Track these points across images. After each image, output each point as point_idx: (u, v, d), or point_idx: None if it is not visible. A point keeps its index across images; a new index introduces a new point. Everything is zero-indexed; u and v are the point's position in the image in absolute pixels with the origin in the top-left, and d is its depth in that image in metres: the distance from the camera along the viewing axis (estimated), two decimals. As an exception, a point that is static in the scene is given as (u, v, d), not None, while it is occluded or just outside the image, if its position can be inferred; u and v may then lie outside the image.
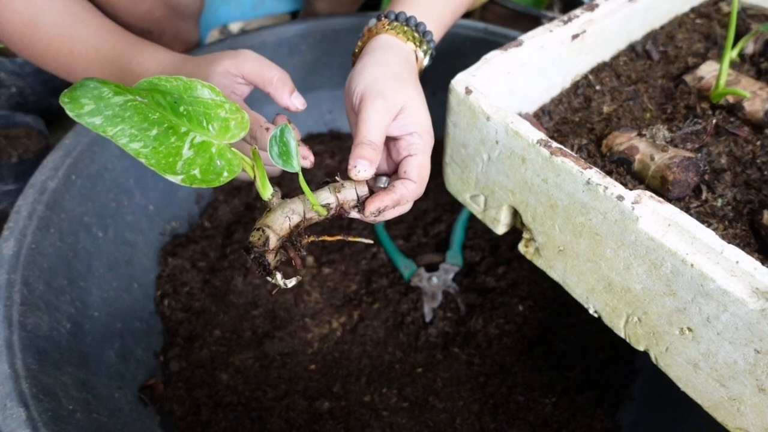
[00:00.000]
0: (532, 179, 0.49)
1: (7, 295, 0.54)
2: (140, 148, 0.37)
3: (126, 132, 0.36)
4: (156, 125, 0.37)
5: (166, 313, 0.77)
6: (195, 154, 0.38)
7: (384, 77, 0.49)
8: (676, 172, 0.46)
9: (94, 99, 0.37)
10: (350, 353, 0.74)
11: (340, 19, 0.96)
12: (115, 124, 0.36)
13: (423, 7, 0.55)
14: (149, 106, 0.38)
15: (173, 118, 0.38)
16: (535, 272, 0.81)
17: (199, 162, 0.38)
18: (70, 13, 0.59)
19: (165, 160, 0.37)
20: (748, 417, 0.41)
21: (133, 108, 0.37)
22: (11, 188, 0.93)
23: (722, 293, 0.38)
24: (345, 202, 0.44)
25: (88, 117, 0.36)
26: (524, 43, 0.55)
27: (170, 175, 0.37)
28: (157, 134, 0.37)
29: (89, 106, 0.37)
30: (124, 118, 0.37)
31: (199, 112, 0.39)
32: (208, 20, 1.05)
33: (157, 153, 0.37)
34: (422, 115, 0.49)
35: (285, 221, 0.42)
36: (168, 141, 0.37)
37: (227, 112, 0.40)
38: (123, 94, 0.37)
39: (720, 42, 0.65)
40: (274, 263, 0.41)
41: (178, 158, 0.37)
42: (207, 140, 0.39)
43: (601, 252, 0.46)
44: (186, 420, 0.68)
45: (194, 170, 0.38)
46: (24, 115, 1.01)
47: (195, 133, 0.39)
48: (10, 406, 0.48)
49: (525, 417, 0.69)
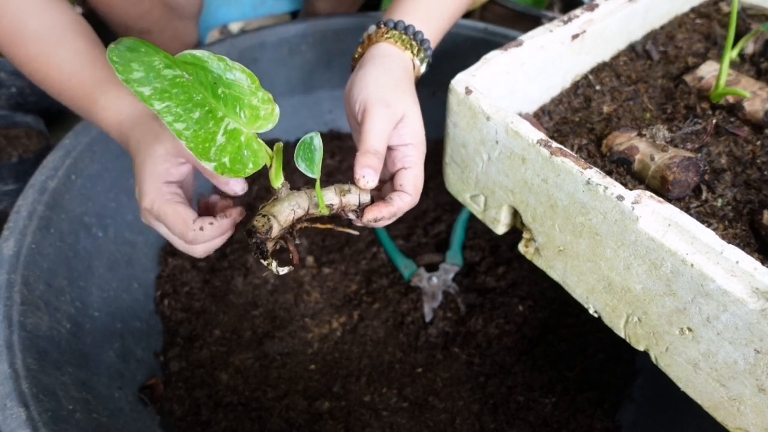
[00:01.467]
0: (532, 179, 0.49)
1: (7, 295, 0.55)
2: (183, 130, 0.37)
3: (172, 110, 0.37)
4: (199, 107, 0.38)
5: (166, 313, 0.77)
6: (226, 141, 0.39)
7: (386, 85, 0.49)
8: (676, 172, 0.46)
9: (144, 67, 0.36)
10: (350, 353, 0.74)
11: (340, 19, 0.96)
12: (162, 99, 0.36)
13: (421, 14, 0.56)
14: (194, 85, 0.38)
15: (213, 100, 0.38)
16: (535, 272, 0.81)
17: (229, 150, 0.38)
18: (50, 34, 0.56)
19: (202, 145, 0.37)
20: (748, 417, 0.41)
21: (181, 85, 0.37)
22: (11, 188, 0.93)
23: (722, 293, 0.38)
24: (347, 205, 0.46)
25: (137, 85, 0.36)
26: (524, 43, 0.55)
27: (205, 161, 0.38)
28: (199, 117, 0.37)
29: (139, 73, 0.36)
30: (171, 94, 0.37)
31: (235, 96, 0.40)
32: (208, 20, 1.05)
33: (197, 137, 0.37)
34: (419, 125, 0.50)
35: (290, 214, 0.44)
36: (207, 126, 0.38)
37: (259, 100, 0.40)
38: (172, 68, 0.37)
39: (720, 42, 0.65)
40: (272, 250, 0.43)
41: (213, 144, 0.38)
42: (238, 128, 0.39)
43: (601, 252, 0.46)
44: (186, 420, 0.68)
45: (225, 158, 0.38)
46: (24, 115, 1.01)
47: (229, 119, 0.39)
48: (10, 406, 0.48)
49: (525, 417, 0.69)
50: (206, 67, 0.39)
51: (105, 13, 0.78)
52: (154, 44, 0.97)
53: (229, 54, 0.89)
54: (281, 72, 0.97)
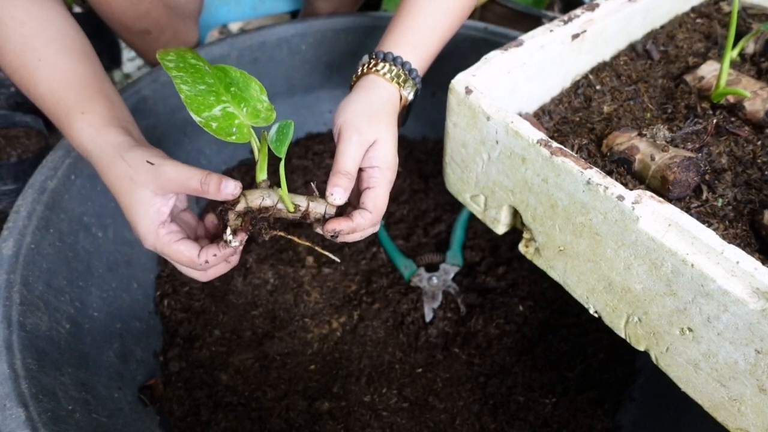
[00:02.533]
0: (533, 179, 0.49)
1: (6, 296, 0.54)
2: (186, 90, 0.45)
3: (184, 78, 0.46)
4: (206, 85, 0.47)
5: (166, 313, 0.77)
6: (221, 115, 0.46)
7: (362, 114, 0.54)
8: (677, 172, 0.46)
9: (178, 56, 0.48)
10: (350, 353, 0.74)
11: (340, 19, 0.96)
12: (180, 70, 0.46)
13: (410, 44, 0.59)
14: (210, 74, 0.47)
15: (222, 90, 0.47)
16: (535, 272, 0.81)
17: (220, 121, 0.46)
18: (31, 48, 0.54)
19: (197, 105, 0.45)
20: (749, 417, 0.41)
21: (199, 70, 0.47)
22: (11, 188, 0.92)
23: (723, 293, 0.38)
24: (312, 211, 0.50)
25: (168, 62, 0.46)
26: (524, 43, 0.55)
27: (194, 113, 0.45)
28: (202, 89, 0.46)
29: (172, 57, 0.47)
30: (188, 71, 0.47)
31: (243, 97, 0.48)
32: (208, 20, 1.05)
33: (195, 99, 0.45)
34: (389, 151, 0.54)
35: (259, 199, 0.49)
36: (207, 97, 0.46)
37: (263, 106, 0.49)
38: (197, 60, 0.48)
39: (720, 42, 0.65)
40: (232, 224, 0.48)
41: (207, 110, 0.45)
42: (235, 113, 0.47)
43: (601, 252, 0.46)
44: (186, 420, 0.68)
45: (213, 123, 0.45)
46: (23, 115, 1.01)
47: (230, 105, 0.47)
48: (10, 406, 0.47)
49: (525, 417, 0.69)
50: (228, 73, 0.49)
51: (105, 13, 0.77)
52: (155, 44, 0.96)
53: (229, 53, 0.90)
54: (281, 72, 0.97)
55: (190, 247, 0.49)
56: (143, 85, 0.80)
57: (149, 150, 0.50)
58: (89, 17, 1.16)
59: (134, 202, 0.49)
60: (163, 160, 0.49)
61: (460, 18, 0.64)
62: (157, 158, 0.49)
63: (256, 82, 0.50)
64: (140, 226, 0.49)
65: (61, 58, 0.55)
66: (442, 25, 0.61)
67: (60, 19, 0.57)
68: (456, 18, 0.63)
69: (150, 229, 0.49)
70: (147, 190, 0.48)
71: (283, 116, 1.07)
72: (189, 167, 0.48)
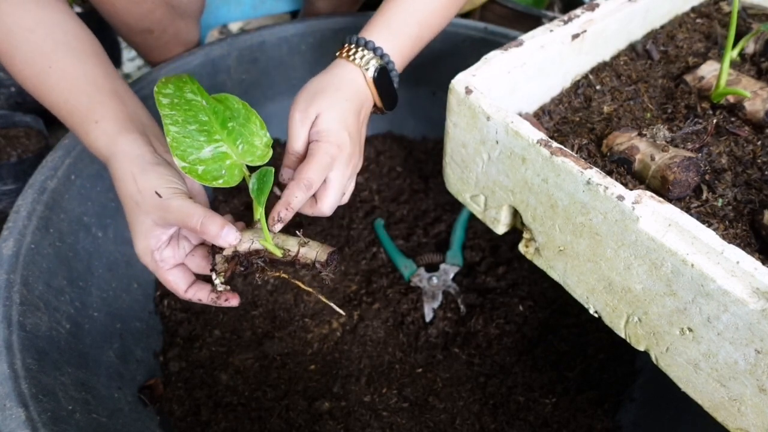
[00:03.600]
0: (533, 179, 0.49)
1: (6, 296, 0.54)
2: (173, 131, 0.44)
3: (174, 117, 0.45)
4: (198, 124, 0.45)
5: (166, 313, 0.77)
6: (210, 157, 0.45)
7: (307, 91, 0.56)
8: (677, 172, 0.46)
9: (175, 87, 0.46)
10: (350, 353, 0.74)
11: (340, 18, 0.96)
12: (173, 108, 0.45)
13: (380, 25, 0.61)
14: (206, 109, 0.46)
15: (217, 127, 0.46)
16: (535, 272, 0.81)
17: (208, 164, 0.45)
18: (40, 54, 0.53)
19: (183, 148, 0.44)
20: (749, 417, 0.41)
21: (193, 105, 0.46)
22: (10, 188, 0.92)
23: (723, 293, 0.38)
24: (302, 257, 0.49)
25: (162, 96, 0.45)
26: (524, 43, 0.55)
27: (178, 159, 0.44)
28: (193, 129, 0.45)
29: (169, 90, 0.46)
30: (182, 108, 0.45)
31: (241, 132, 0.47)
32: (208, 20, 1.05)
33: (182, 141, 0.44)
34: (328, 123, 0.54)
35: (248, 243, 0.48)
36: (197, 137, 0.45)
37: (261, 141, 0.48)
38: (195, 94, 0.47)
39: (720, 42, 0.65)
40: (219, 267, 0.49)
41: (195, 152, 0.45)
42: (228, 153, 0.46)
43: (601, 252, 0.46)
44: (186, 420, 0.68)
45: (200, 167, 0.45)
46: (23, 115, 1.01)
47: (224, 144, 0.46)
48: (10, 406, 0.47)
49: (525, 417, 0.69)
50: (228, 105, 0.47)
51: (107, 12, 0.77)
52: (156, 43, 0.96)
53: (229, 53, 0.90)
54: (281, 72, 0.97)
55: (178, 280, 0.52)
56: (143, 85, 0.80)
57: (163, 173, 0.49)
58: (89, 17, 1.16)
59: (136, 223, 0.50)
60: (171, 193, 0.47)
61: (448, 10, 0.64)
62: (167, 188, 0.48)
63: (257, 116, 0.48)
64: (137, 245, 0.51)
65: (71, 62, 0.54)
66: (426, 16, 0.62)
67: (67, 20, 0.56)
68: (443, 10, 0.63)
69: (145, 252, 0.51)
70: (149, 218, 0.49)
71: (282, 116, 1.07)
72: (193, 204, 0.47)
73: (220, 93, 0.49)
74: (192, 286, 0.53)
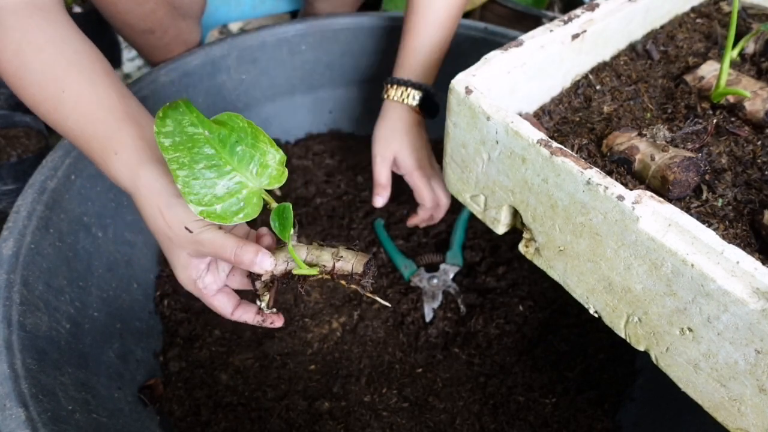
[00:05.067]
0: (533, 179, 0.49)
1: (6, 295, 0.54)
2: (182, 176, 0.42)
3: (179, 159, 0.42)
4: (205, 160, 0.43)
5: (166, 313, 0.77)
6: (226, 192, 0.43)
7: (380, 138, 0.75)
8: (677, 172, 0.46)
9: (174, 122, 0.42)
10: (350, 353, 0.74)
11: (340, 19, 0.96)
12: (177, 149, 0.42)
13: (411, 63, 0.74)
14: (210, 140, 0.43)
15: (226, 156, 0.43)
16: (535, 272, 0.81)
17: (225, 199, 0.43)
18: (52, 78, 0.51)
19: (196, 192, 0.42)
20: (749, 417, 0.41)
21: (196, 140, 0.42)
22: (10, 188, 0.93)
23: (723, 293, 0.38)
24: (340, 270, 0.48)
25: (163, 137, 0.42)
26: (524, 43, 0.55)
27: (194, 205, 0.42)
28: (201, 168, 0.42)
29: (169, 127, 0.42)
30: (185, 146, 0.42)
31: (253, 154, 0.44)
32: (208, 20, 1.05)
33: (192, 185, 0.42)
34: (406, 160, 0.74)
35: (283, 264, 0.48)
36: (207, 176, 0.43)
37: (275, 161, 0.45)
38: (196, 126, 0.43)
39: (720, 42, 0.65)
40: (261, 292, 0.50)
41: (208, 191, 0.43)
42: (243, 181, 0.44)
43: (601, 252, 0.46)
44: (186, 420, 0.68)
45: (217, 206, 0.43)
46: (23, 115, 1.01)
47: (236, 173, 0.44)
48: (10, 406, 0.47)
49: (525, 417, 0.69)
50: (232, 127, 0.44)
51: (109, 12, 0.77)
52: (157, 44, 0.96)
53: (229, 53, 0.90)
54: (281, 72, 0.97)
55: (224, 304, 0.53)
56: (143, 85, 0.80)
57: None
58: (89, 17, 1.16)
59: (173, 257, 0.51)
60: (201, 226, 0.47)
61: (454, 23, 0.75)
62: (195, 222, 0.46)
63: (264, 133, 0.45)
64: (179, 276, 0.52)
65: (84, 86, 0.52)
66: (439, 38, 0.74)
67: (74, 36, 0.54)
68: (451, 26, 0.75)
69: (188, 282, 0.52)
70: (184, 252, 0.49)
71: (283, 117, 1.07)
72: (225, 236, 0.46)
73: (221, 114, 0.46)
74: (237, 308, 0.53)
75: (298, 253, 0.48)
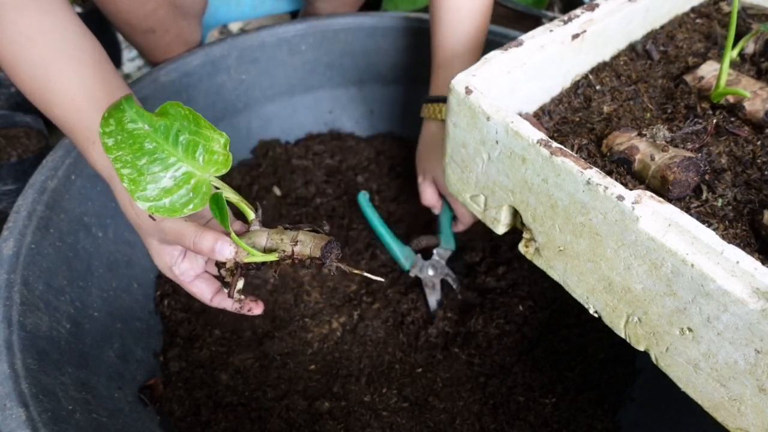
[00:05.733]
0: (532, 179, 0.49)
1: (6, 295, 0.54)
2: (126, 174, 0.41)
3: (122, 158, 0.41)
4: (147, 155, 0.41)
5: (166, 313, 0.77)
6: (174, 184, 0.42)
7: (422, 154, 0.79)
8: (677, 172, 0.46)
9: (116, 121, 0.41)
10: (350, 353, 0.74)
11: (340, 19, 0.96)
12: (119, 148, 0.41)
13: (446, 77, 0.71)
14: (150, 134, 0.42)
15: (168, 147, 0.42)
16: (535, 272, 0.81)
17: (173, 192, 0.42)
18: (42, 68, 0.52)
19: (142, 187, 0.41)
20: (749, 417, 0.41)
21: (136, 136, 0.41)
22: (11, 188, 0.93)
23: (722, 293, 0.38)
24: (298, 254, 0.46)
25: (107, 137, 0.41)
26: (524, 43, 0.55)
27: (141, 201, 0.41)
28: (143, 163, 0.41)
29: (111, 126, 0.41)
30: (126, 144, 0.41)
31: (198, 141, 0.43)
32: (208, 20, 1.05)
33: (137, 181, 0.41)
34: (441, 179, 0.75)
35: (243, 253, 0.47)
36: (150, 170, 0.41)
37: (220, 147, 0.44)
38: (136, 121, 0.42)
39: (720, 42, 0.65)
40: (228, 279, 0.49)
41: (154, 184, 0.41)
42: (190, 171, 0.43)
43: (601, 252, 0.46)
44: (186, 420, 0.68)
45: (165, 199, 0.42)
46: (23, 115, 1.01)
47: (182, 164, 0.42)
48: (10, 406, 0.48)
49: (525, 417, 0.69)
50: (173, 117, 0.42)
51: (110, 12, 0.77)
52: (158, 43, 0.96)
53: (229, 53, 0.90)
54: (281, 72, 0.97)
55: (202, 290, 0.54)
56: (143, 85, 0.80)
57: None
58: (89, 17, 1.16)
59: (146, 244, 0.53)
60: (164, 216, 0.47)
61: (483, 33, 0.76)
62: None
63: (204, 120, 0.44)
64: (156, 263, 0.54)
65: (69, 76, 0.53)
66: (470, 48, 0.74)
67: (68, 26, 0.55)
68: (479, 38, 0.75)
69: (165, 269, 0.53)
70: (154, 239, 0.51)
71: (283, 117, 1.06)
72: (185, 224, 0.47)
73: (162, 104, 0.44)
74: (216, 294, 0.54)
75: (259, 239, 0.47)
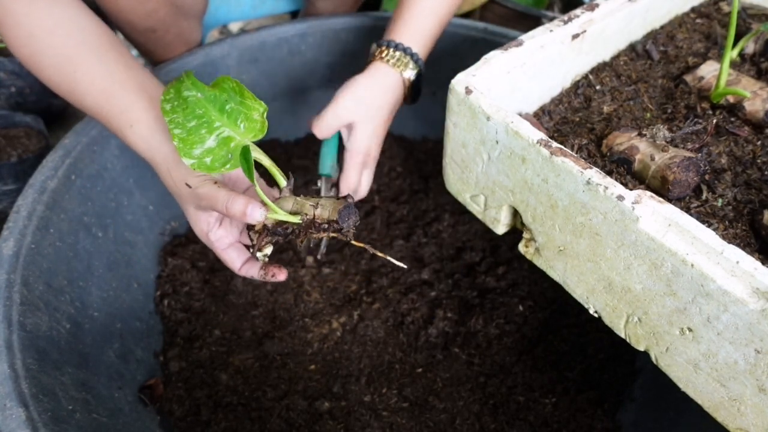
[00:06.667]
0: (532, 179, 0.49)
1: (6, 295, 0.54)
2: (178, 133, 0.47)
3: (176, 120, 0.48)
4: (196, 119, 0.48)
5: (166, 313, 0.77)
6: (216, 145, 0.48)
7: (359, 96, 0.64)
8: (677, 172, 0.46)
9: (175, 90, 0.49)
10: (350, 353, 0.74)
11: (340, 19, 0.96)
12: (174, 111, 0.48)
13: (411, 30, 0.66)
14: (202, 101, 0.48)
15: (215, 113, 0.48)
16: (535, 272, 0.81)
17: (214, 153, 0.47)
18: (66, 59, 0.54)
19: (188, 146, 0.47)
20: (749, 417, 0.41)
21: (189, 102, 0.48)
22: (11, 188, 0.92)
23: (722, 293, 0.38)
24: (318, 218, 0.49)
25: (166, 103, 0.49)
26: (524, 43, 0.55)
27: (186, 158, 0.47)
28: (193, 126, 0.48)
29: (171, 94, 0.49)
30: (181, 108, 0.48)
31: (241, 111, 0.49)
32: (208, 20, 1.05)
33: (186, 140, 0.47)
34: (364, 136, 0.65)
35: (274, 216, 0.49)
36: (199, 132, 0.48)
37: (259, 115, 0.49)
38: (191, 90, 0.49)
39: (720, 42, 0.65)
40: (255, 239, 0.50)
41: (199, 144, 0.47)
42: (231, 135, 0.48)
43: (601, 252, 0.46)
44: (186, 420, 0.68)
45: (207, 158, 0.47)
46: (23, 115, 1.01)
47: (225, 128, 0.48)
48: (10, 406, 0.47)
49: (525, 417, 0.69)
50: (223, 88, 0.49)
51: (111, 10, 0.77)
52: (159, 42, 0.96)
53: (229, 53, 0.90)
54: (281, 72, 0.97)
55: (234, 258, 0.56)
56: (143, 85, 0.80)
57: None
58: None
59: (186, 213, 0.56)
60: (200, 182, 0.51)
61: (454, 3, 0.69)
62: (196, 178, 0.51)
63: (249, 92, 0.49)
64: (195, 229, 0.56)
65: (95, 64, 0.55)
66: (440, 9, 0.67)
67: (81, 15, 0.56)
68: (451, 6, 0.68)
69: (201, 235, 0.56)
70: (191, 206, 0.54)
71: (283, 116, 1.07)
72: (217, 189, 0.49)
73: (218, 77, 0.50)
74: (245, 263, 0.56)
75: (286, 203, 0.50)
